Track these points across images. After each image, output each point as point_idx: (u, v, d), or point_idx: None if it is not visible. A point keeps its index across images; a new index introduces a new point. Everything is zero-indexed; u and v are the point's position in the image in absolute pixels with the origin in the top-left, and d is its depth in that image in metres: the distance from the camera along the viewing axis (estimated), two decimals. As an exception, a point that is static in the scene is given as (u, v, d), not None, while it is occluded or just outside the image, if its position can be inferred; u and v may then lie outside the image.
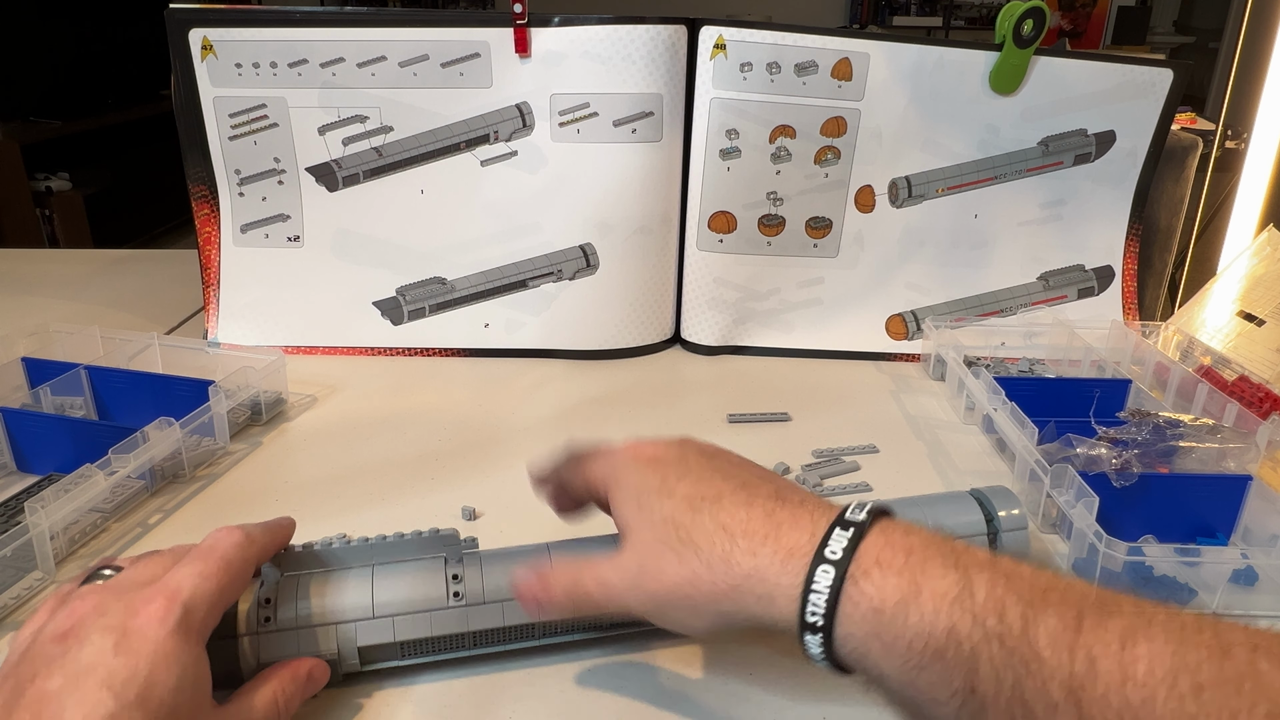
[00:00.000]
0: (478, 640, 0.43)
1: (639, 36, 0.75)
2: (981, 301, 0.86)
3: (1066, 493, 0.52)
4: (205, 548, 0.38)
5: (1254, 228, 1.23)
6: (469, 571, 0.42)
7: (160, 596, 0.34)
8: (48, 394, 0.66)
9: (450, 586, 0.41)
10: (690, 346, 0.86)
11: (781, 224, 0.83)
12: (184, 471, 0.61)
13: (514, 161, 0.80)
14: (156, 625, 0.33)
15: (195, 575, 0.36)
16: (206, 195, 0.82)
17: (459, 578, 0.42)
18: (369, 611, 0.41)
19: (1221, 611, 0.49)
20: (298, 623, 0.40)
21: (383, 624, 0.41)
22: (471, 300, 0.83)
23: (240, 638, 0.39)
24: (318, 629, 0.40)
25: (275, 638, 0.40)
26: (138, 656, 0.32)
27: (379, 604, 0.41)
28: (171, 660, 0.33)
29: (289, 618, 0.40)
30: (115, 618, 0.33)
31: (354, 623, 0.41)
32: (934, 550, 0.32)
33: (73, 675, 0.31)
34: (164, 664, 0.32)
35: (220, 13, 0.76)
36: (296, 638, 0.40)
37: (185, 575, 0.36)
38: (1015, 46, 0.78)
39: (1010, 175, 0.83)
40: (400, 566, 0.42)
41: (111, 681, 0.31)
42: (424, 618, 0.41)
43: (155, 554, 0.39)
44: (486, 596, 0.42)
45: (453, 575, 0.42)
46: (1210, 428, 0.59)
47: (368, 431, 0.69)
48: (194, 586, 0.35)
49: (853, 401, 0.76)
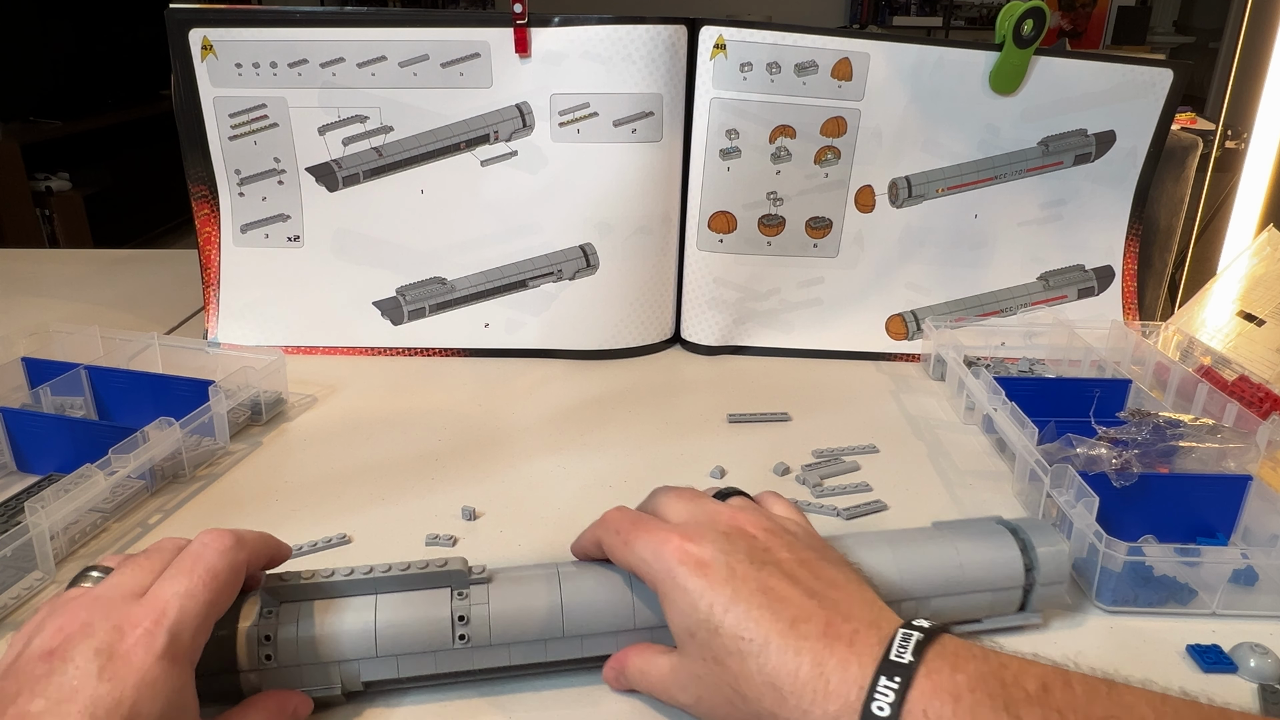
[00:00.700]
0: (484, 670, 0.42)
1: (639, 36, 0.75)
2: (981, 301, 0.86)
3: (1066, 493, 0.52)
4: (191, 556, 0.37)
5: (1254, 228, 1.23)
6: (475, 611, 0.40)
7: (148, 618, 0.34)
8: (48, 394, 0.66)
9: (455, 629, 0.40)
10: (690, 346, 0.86)
11: (781, 224, 0.83)
12: (184, 471, 0.61)
13: (514, 161, 0.80)
14: (143, 651, 0.33)
15: (181, 595, 0.35)
16: (206, 195, 0.82)
17: (465, 619, 0.40)
18: (372, 651, 0.40)
19: (1221, 611, 0.49)
20: (299, 659, 0.39)
21: (386, 662, 0.40)
22: (471, 300, 0.83)
23: (241, 673, 0.39)
24: (320, 665, 0.40)
25: (276, 674, 0.39)
26: (123, 684, 0.32)
27: (382, 643, 0.40)
28: (158, 688, 0.32)
29: (290, 655, 0.39)
30: (102, 639, 0.33)
31: (357, 661, 0.40)
32: (983, 693, 0.31)
33: (55, 700, 0.31)
34: (149, 692, 0.32)
35: (220, 13, 0.76)
36: (299, 674, 0.39)
37: (171, 594, 0.35)
38: (1015, 46, 0.78)
39: (1010, 175, 0.83)
40: (405, 601, 0.41)
41: (95, 710, 0.31)
42: (429, 657, 0.40)
43: (145, 556, 0.38)
44: (493, 639, 0.41)
45: (459, 616, 0.40)
46: (1210, 428, 0.59)
47: (368, 431, 0.69)
48: (180, 608, 0.35)
49: (853, 401, 0.76)
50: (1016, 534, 0.46)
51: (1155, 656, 0.46)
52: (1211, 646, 0.46)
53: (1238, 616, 0.49)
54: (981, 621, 0.46)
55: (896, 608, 0.38)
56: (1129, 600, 0.49)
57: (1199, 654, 0.46)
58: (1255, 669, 0.44)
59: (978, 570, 0.45)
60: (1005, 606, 0.46)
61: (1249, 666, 0.44)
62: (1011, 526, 0.47)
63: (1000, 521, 0.48)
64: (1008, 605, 0.46)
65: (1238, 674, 0.45)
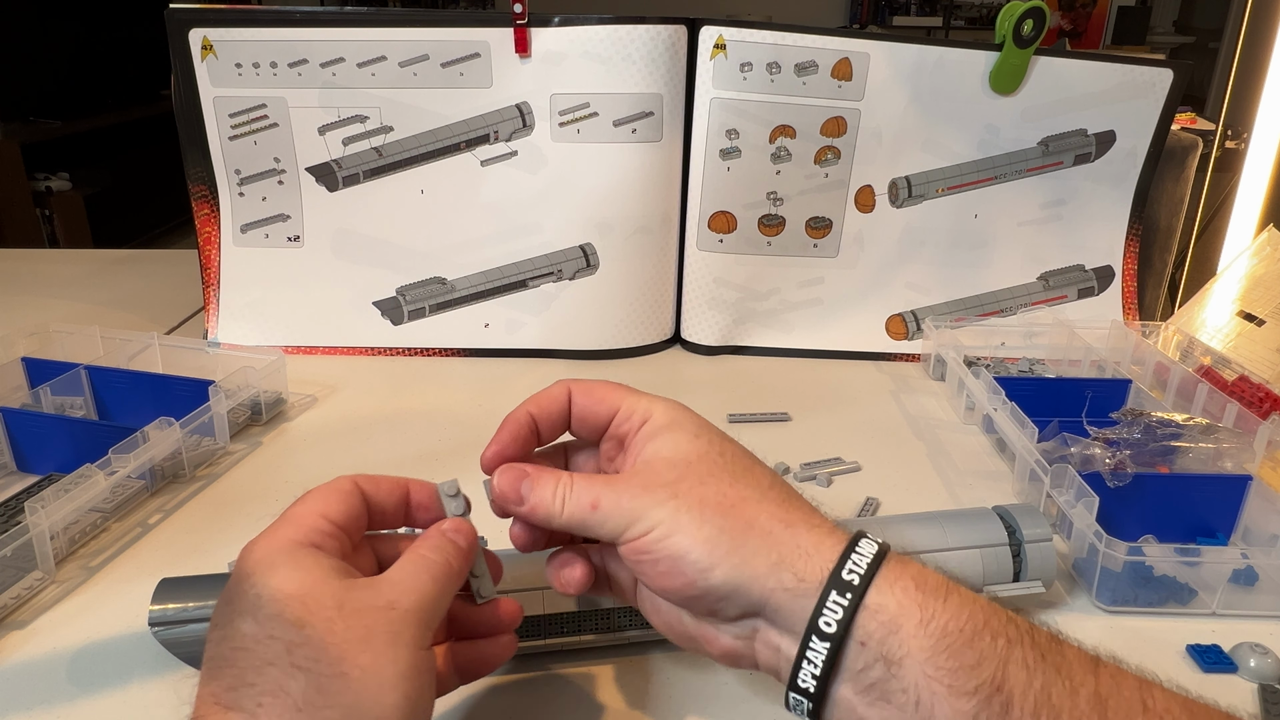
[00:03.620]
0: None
1: (639, 36, 0.75)
2: (981, 301, 0.86)
3: (1066, 492, 0.52)
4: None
5: (1254, 228, 1.23)
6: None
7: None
8: (48, 394, 0.66)
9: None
10: (690, 346, 0.86)
11: (781, 224, 0.83)
12: (184, 471, 0.61)
13: (514, 161, 0.80)
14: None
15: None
16: (206, 195, 0.82)
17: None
18: None
19: (1221, 611, 0.49)
20: None
21: None
22: (471, 300, 0.83)
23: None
24: None
25: None
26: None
27: None
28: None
29: None
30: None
31: None
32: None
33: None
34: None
35: (220, 13, 0.76)
36: None
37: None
38: (1015, 46, 0.78)
39: (1010, 175, 0.83)
40: None
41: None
42: None
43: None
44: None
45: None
46: (1205, 427, 0.59)
47: (368, 431, 0.69)
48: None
49: (853, 401, 0.76)
50: (994, 510, 0.49)
51: (1155, 656, 0.46)
52: (1211, 646, 0.46)
53: (1238, 616, 0.49)
54: (982, 591, 0.46)
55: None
56: (1129, 600, 0.49)
57: (1199, 654, 0.46)
58: (1255, 669, 0.44)
59: (959, 530, 0.47)
60: (999, 571, 0.46)
61: (1249, 666, 0.45)
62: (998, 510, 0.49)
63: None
64: (1002, 569, 0.46)
65: (1238, 674, 0.45)
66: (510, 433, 0.38)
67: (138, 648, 0.45)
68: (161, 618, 0.41)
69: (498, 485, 0.37)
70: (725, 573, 0.33)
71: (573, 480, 0.36)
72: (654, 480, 0.35)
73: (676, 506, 0.34)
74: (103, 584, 0.50)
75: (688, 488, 0.34)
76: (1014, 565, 0.46)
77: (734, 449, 0.37)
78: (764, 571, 0.32)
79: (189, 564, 0.52)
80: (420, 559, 0.34)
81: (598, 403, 0.39)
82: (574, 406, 0.39)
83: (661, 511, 0.34)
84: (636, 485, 0.35)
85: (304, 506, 0.35)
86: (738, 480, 0.35)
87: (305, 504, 0.35)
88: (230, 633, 0.30)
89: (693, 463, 0.35)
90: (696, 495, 0.34)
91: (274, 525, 0.35)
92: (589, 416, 0.39)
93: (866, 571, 0.32)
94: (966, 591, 0.32)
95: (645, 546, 0.34)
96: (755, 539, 0.33)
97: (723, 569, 0.33)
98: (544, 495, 0.36)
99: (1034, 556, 0.47)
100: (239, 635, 0.30)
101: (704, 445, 0.36)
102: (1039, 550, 0.47)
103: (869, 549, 0.33)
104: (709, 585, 0.33)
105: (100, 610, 0.48)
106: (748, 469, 0.36)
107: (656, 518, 0.34)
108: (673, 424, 0.37)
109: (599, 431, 0.39)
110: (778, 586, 0.32)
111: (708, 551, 0.33)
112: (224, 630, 0.31)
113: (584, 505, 0.35)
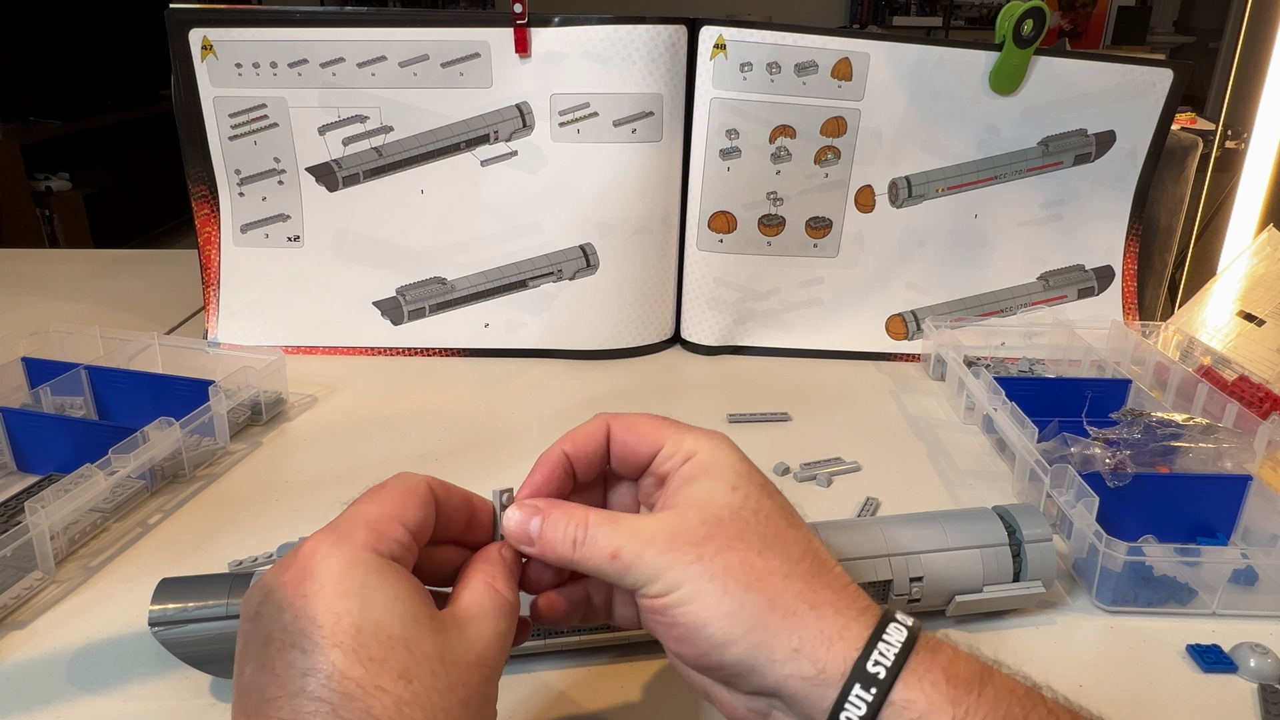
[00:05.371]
0: None
1: (639, 36, 0.75)
2: (981, 301, 0.86)
3: (1066, 492, 0.52)
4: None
5: (1254, 228, 1.23)
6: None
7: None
8: (48, 394, 0.66)
9: None
10: (690, 346, 0.86)
11: (781, 224, 0.83)
12: (184, 471, 0.61)
13: (514, 161, 0.80)
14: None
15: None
16: (206, 195, 0.82)
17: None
18: None
19: (1221, 611, 0.49)
20: None
21: None
22: (471, 300, 0.83)
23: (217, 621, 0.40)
24: None
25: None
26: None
27: None
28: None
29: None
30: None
31: None
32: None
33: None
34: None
35: (220, 13, 0.76)
36: None
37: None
38: (1015, 46, 0.78)
39: (1010, 175, 0.83)
40: None
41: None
42: None
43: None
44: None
45: None
46: (1204, 427, 0.59)
47: (368, 431, 0.69)
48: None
49: (852, 401, 0.76)
50: (994, 510, 0.49)
51: (1155, 656, 0.46)
52: (1211, 646, 0.46)
53: (1238, 616, 0.49)
54: (983, 591, 0.46)
55: (886, 562, 0.40)
56: (1129, 600, 0.49)
57: (1199, 654, 0.46)
58: (1255, 669, 0.44)
59: (959, 530, 0.47)
60: (999, 571, 0.46)
61: (1249, 666, 0.45)
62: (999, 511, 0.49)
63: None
64: (1002, 569, 0.46)
65: (1237, 674, 0.45)
66: (544, 475, 0.36)
67: (138, 648, 0.45)
68: (161, 618, 0.41)
69: (506, 525, 0.35)
70: (741, 652, 0.31)
71: (588, 520, 0.34)
72: (682, 536, 0.33)
73: (700, 572, 0.32)
74: (103, 584, 0.50)
75: (714, 550, 0.32)
76: (1014, 565, 0.47)
77: (769, 507, 0.34)
78: (782, 657, 0.31)
79: (189, 564, 0.52)
80: (497, 598, 0.32)
81: (640, 440, 0.37)
82: (614, 444, 0.37)
83: (683, 574, 0.32)
84: (662, 540, 0.32)
85: (379, 508, 0.32)
86: (767, 548, 0.33)
87: (381, 504, 0.32)
88: (289, 664, 0.27)
89: (724, 521, 0.33)
90: (721, 562, 0.32)
91: (348, 527, 0.31)
92: (630, 455, 0.37)
93: (894, 663, 0.30)
94: (1003, 678, 0.31)
95: (662, 608, 0.32)
96: (776, 620, 0.31)
97: (740, 647, 0.31)
98: (553, 536, 0.34)
99: (1034, 556, 0.47)
100: (309, 672, 0.27)
101: (739, 500, 0.34)
102: (1039, 550, 0.47)
103: (898, 635, 0.31)
104: (723, 660, 0.31)
105: (100, 610, 0.48)
106: (779, 534, 0.33)
107: (677, 580, 0.32)
108: (713, 469, 0.35)
109: (640, 470, 0.37)
110: (795, 674, 0.30)
111: (726, 626, 0.31)
112: (280, 657, 0.27)
113: (603, 553, 0.33)
